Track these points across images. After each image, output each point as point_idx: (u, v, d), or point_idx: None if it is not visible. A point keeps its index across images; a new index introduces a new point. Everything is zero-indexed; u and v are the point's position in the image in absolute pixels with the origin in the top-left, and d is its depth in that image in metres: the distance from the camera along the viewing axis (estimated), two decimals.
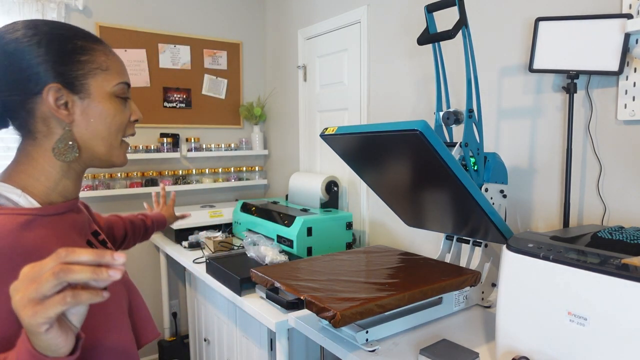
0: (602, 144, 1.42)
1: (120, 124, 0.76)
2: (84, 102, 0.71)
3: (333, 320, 1.07)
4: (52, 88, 0.68)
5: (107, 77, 0.73)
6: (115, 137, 0.76)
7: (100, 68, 0.73)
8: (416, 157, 1.24)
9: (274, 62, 3.10)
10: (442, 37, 1.39)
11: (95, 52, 0.73)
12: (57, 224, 0.71)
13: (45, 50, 0.67)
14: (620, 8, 1.33)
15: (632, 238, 1.00)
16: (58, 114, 0.69)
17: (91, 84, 0.71)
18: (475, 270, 1.40)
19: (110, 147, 0.75)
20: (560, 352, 0.92)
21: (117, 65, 0.76)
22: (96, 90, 0.72)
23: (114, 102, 0.74)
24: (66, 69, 0.69)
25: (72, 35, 0.72)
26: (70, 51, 0.70)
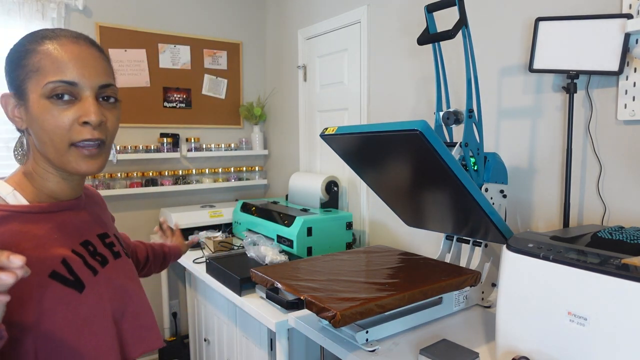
0: (602, 144, 1.42)
1: (56, 128, 0.69)
2: (26, 106, 0.71)
3: (333, 320, 1.07)
4: (3, 96, 0.71)
5: (38, 79, 0.69)
6: (58, 142, 0.70)
7: (32, 70, 0.69)
8: (416, 157, 1.24)
9: (274, 62, 3.10)
10: (442, 37, 1.39)
11: (31, 54, 0.69)
12: (38, 223, 0.71)
13: (7, 60, 0.71)
14: (620, 8, 1.33)
15: (632, 238, 1.00)
16: (13, 122, 0.73)
17: (28, 87, 0.70)
18: (475, 270, 1.40)
19: (58, 153, 0.71)
20: (560, 352, 0.92)
21: (54, 63, 0.69)
22: (31, 94, 0.70)
23: (44, 105, 0.69)
24: (14, 75, 0.70)
25: (28, 39, 0.71)
26: (18, 57, 0.70)
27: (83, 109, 0.71)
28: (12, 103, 0.71)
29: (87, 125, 0.71)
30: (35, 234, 0.69)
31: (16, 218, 0.68)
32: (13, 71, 0.70)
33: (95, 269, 0.75)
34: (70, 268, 0.71)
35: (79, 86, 0.71)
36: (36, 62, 0.69)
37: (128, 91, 2.67)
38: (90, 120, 0.70)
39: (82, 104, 0.71)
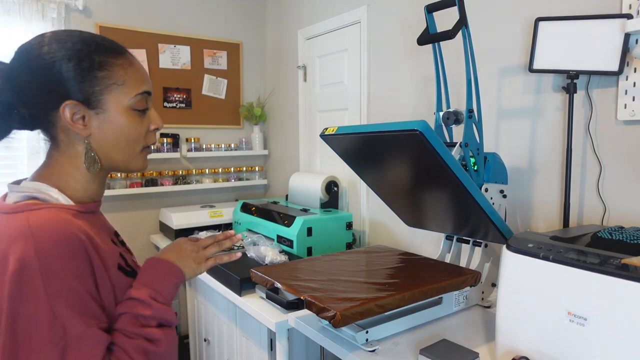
0: (602, 144, 1.42)
1: (137, 135, 0.78)
2: (100, 116, 0.74)
3: (333, 320, 1.07)
4: (67, 105, 0.71)
5: (124, 91, 0.75)
6: (133, 147, 0.78)
7: (117, 83, 0.74)
8: (416, 157, 1.24)
9: (274, 62, 3.10)
10: (442, 37, 1.39)
11: (113, 67, 0.74)
12: (91, 221, 0.76)
13: (65, 68, 0.70)
14: (620, 8, 1.33)
15: (632, 238, 1.00)
16: (75, 128, 0.73)
17: (107, 99, 0.74)
18: (475, 270, 1.40)
19: (129, 156, 0.79)
20: (560, 352, 0.92)
21: (136, 76, 0.76)
22: (112, 105, 0.74)
23: (130, 115, 0.76)
24: (83, 85, 0.71)
25: (92, 50, 0.73)
26: (88, 68, 0.72)
27: (151, 116, 0.80)
28: (75, 111, 0.72)
29: (156, 131, 0.82)
30: (95, 231, 0.74)
31: (80, 216, 0.73)
32: (82, 82, 0.71)
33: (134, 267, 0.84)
34: (125, 260, 0.79)
35: (150, 96, 0.80)
36: (120, 77, 0.74)
37: None
38: (160, 127, 0.82)
39: (149, 113, 0.80)
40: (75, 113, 0.72)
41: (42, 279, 0.61)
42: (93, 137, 0.75)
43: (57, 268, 0.63)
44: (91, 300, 0.67)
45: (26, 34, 2.28)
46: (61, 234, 0.65)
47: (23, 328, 0.60)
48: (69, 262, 0.64)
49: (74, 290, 0.64)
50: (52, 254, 0.63)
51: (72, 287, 0.64)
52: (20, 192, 0.72)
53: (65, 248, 0.64)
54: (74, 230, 0.67)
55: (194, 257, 0.81)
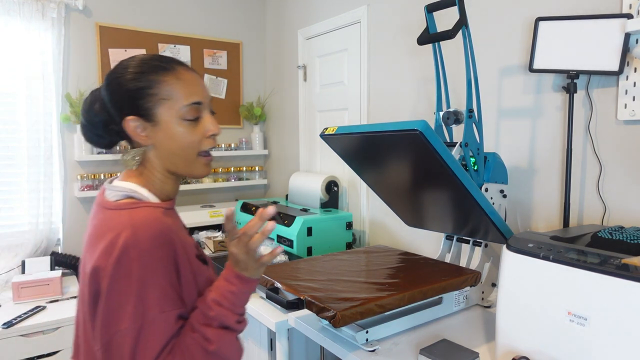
0: (602, 144, 1.42)
1: (189, 142, 0.85)
2: (156, 127, 0.84)
3: (333, 320, 1.07)
4: (129, 120, 0.83)
5: (171, 105, 0.83)
6: (187, 154, 0.86)
7: (165, 98, 0.83)
8: (416, 157, 1.24)
9: (274, 62, 3.10)
10: (442, 37, 1.39)
11: (160, 84, 0.84)
12: (173, 217, 0.89)
13: (126, 89, 0.83)
14: (620, 8, 1.33)
15: (632, 238, 1.00)
16: (138, 139, 0.85)
17: (159, 112, 0.83)
18: (475, 270, 1.40)
19: (187, 162, 0.87)
20: (560, 352, 0.92)
21: (183, 90, 0.85)
22: (164, 117, 0.84)
23: (181, 124, 0.84)
24: (140, 102, 0.83)
25: (145, 71, 0.84)
26: (143, 87, 0.83)
27: (207, 123, 0.87)
28: (137, 125, 0.84)
29: (213, 137, 0.88)
30: (178, 225, 0.87)
31: (167, 213, 0.85)
32: (138, 100, 0.83)
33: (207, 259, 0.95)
34: (200, 250, 0.91)
35: (202, 105, 0.87)
36: (166, 92, 0.83)
37: None
38: (216, 132, 0.88)
39: (204, 120, 0.87)
40: (136, 127, 0.84)
41: (137, 267, 0.74)
42: (156, 146, 0.86)
43: (149, 260, 0.75)
44: (170, 289, 0.77)
45: (26, 34, 2.28)
46: (156, 231, 0.77)
47: (115, 302, 0.73)
48: (159, 256, 0.76)
49: (158, 280, 0.76)
50: (147, 247, 0.75)
51: (157, 278, 0.75)
52: (119, 192, 0.84)
53: (157, 243, 0.76)
54: (164, 228, 0.78)
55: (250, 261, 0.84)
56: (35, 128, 2.31)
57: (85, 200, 2.58)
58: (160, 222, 0.78)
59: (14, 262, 2.30)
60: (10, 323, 1.85)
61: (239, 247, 0.83)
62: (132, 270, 0.73)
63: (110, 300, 0.74)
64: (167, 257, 0.77)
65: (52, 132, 2.39)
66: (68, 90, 2.48)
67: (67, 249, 2.53)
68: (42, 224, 2.36)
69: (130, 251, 0.74)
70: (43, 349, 1.92)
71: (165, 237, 0.77)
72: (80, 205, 2.57)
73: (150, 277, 0.75)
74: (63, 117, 2.43)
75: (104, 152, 2.56)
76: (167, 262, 0.77)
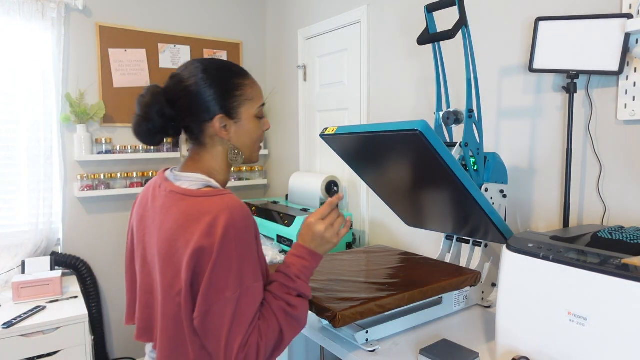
0: (602, 144, 1.42)
1: (258, 136, 1.05)
2: (237, 124, 1.00)
3: (333, 321, 1.07)
4: (219, 118, 0.96)
5: (252, 104, 1.01)
6: (255, 145, 1.05)
7: (247, 99, 1.00)
8: (416, 157, 1.24)
9: (274, 62, 3.10)
10: (442, 37, 1.39)
11: (245, 87, 1.00)
12: None
13: (214, 91, 0.96)
14: (620, 8, 1.33)
15: (632, 238, 1.00)
16: (221, 135, 0.98)
17: (242, 111, 0.99)
18: (475, 270, 1.40)
19: (252, 152, 1.05)
20: (560, 352, 0.92)
21: (258, 93, 1.03)
22: (244, 115, 1.00)
23: (255, 121, 1.02)
24: (227, 102, 0.97)
25: (231, 75, 0.99)
26: (230, 89, 0.98)
27: (265, 121, 1.06)
28: (223, 123, 0.98)
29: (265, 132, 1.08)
30: None
31: None
32: (226, 99, 0.97)
33: None
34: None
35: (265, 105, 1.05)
36: (249, 94, 1.00)
37: (128, 91, 2.67)
38: (269, 128, 1.09)
39: (264, 119, 1.06)
40: (222, 124, 0.97)
41: (235, 244, 0.86)
42: (231, 140, 1.00)
43: (244, 237, 0.87)
44: (258, 262, 0.91)
45: (26, 34, 2.28)
46: (245, 213, 0.89)
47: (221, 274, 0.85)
48: (250, 233, 0.89)
49: (251, 254, 0.88)
50: (241, 226, 0.87)
51: (251, 252, 0.88)
52: (196, 182, 0.96)
53: (248, 223, 0.89)
54: (249, 211, 0.91)
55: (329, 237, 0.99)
56: (35, 128, 2.31)
57: (85, 200, 2.58)
58: (244, 206, 0.91)
59: (14, 262, 2.31)
60: (10, 323, 1.85)
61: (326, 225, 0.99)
62: (233, 247, 0.85)
63: (216, 273, 0.84)
64: (254, 235, 0.91)
65: (52, 132, 2.39)
66: (68, 90, 2.48)
67: (67, 249, 2.53)
68: (42, 224, 2.36)
69: (230, 231, 0.85)
70: (43, 349, 1.92)
71: (251, 218, 0.91)
72: (80, 205, 2.57)
73: (246, 252, 0.87)
74: (63, 117, 2.43)
75: (104, 153, 2.56)
76: (254, 240, 0.90)
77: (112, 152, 2.61)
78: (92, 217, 2.61)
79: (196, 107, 0.96)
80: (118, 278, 2.72)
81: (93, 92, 2.57)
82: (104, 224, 2.66)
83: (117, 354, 2.75)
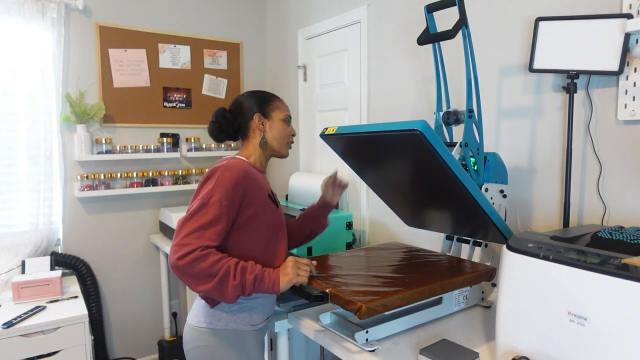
0: (602, 144, 1.42)
1: (285, 134, 1.41)
2: (270, 122, 1.39)
3: (358, 312, 1.09)
4: (257, 115, 1.38)
5: (280, 111, 1.40)
6: (283, 140, 1.41)
7: (277, 107, 1.41)
8: (416, 157, 1.24)
9: (274, 62, 3.11)
10: (442, 37, 1.39)
11: (274, 100, 1.42)
12: (257, 175, 1.31)
13: (254, 100, 1.40)
14: (620, 8, 1.33)
15: (632, 238, 1.00)
16: (259, 128, 1.38)
17: (273, 115, 1.39)
18: (489, 265, 1.41)
19: (281, 145, 1.41)
20: (560, 352, 0.92)
21: (284, 106, 1.43)
22: (275, 117, 1.39)
23: (282, 123, 1.40)
24: (262, 107, 1.39)
25: (264, 92, 1.43)
26: (265, 100, 1.40)
27: (292, 128, 1.44)
28: (259, 119, 1.38)
29: (293, 135, 1.45)
30: (258, 180, 1.31)
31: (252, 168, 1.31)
32: (262, 105, 1.39)
33: (278, 203, 1.38)
34: (273, 195, 1.35)
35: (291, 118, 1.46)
36: (278, 104, 1.41)
37: (128, 91, 2.67)
38: (295, 134, 1.45)
39: (290, 125, 1.43)
40: (260, 120, 1.37)
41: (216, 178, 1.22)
42: (266, 133, 1.38)
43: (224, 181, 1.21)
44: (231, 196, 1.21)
45: (26, 34, 2.28)
46: (240, 165, 1.25)
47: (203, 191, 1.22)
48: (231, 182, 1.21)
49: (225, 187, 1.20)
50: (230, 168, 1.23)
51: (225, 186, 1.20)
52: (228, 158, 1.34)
53: (237, 170, 1.23)
54: (243, 167, 1.25)
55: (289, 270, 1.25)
56: (35, 128, 2.31)
57: (85, 200, 2.58)
58: (240, 164, 1.26)
59: (14, 262, 2.31)
60: (10, 323, 1.85)
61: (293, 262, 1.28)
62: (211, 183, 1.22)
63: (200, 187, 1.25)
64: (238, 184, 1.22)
65: (52, 132, 2.39)
66: (68, 90, 2.48)
67: (67, 249, 2.53)
68: (42, 224, 2.36)
69: (215, 174, 1.23)
70: (43, 349, 1.92)
71: (243, 171, 1.24)
72: (80, 205, 2.57)
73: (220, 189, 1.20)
74: (63, 117, 2.43)
75: (104, 153, 2.56)
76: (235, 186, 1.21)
77: (112, 152, 2.62)
78: (92, 217, 2.61)
79: (243, 110, 1.39)
80: (118, 278, 2.72)
81: (93, 92, 2.57)
82: (104, 224, 2.66)
83: (117, 354, 2.75)
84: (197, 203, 1.19)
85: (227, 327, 1.25)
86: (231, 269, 1.15)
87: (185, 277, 1.15)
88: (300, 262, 1.27)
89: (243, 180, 1.23)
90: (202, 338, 1.25)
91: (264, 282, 1.19)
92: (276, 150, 1.40)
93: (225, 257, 1.17)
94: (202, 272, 1.13)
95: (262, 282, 1.18)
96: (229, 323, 1.25)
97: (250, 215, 1.25)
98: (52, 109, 2.40)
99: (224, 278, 1.14)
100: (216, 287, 1.14)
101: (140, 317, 2.82)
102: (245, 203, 1.24)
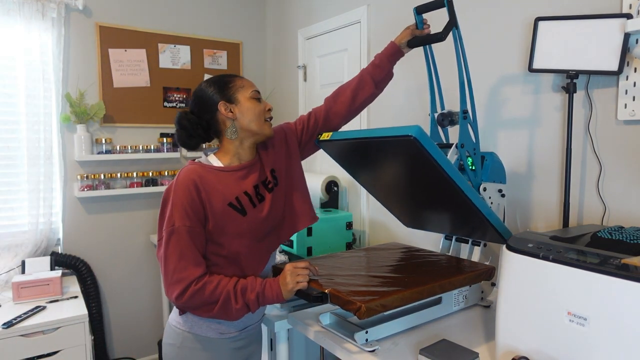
0: (602, 144, 1.42)
1: (260, 112, 1.27)
2: (237, 106, 1.26)
3: (358, 312, 1.09)
4: (222, 104, 1.25)
5: (245, 90, 1.27)
6: (260, 118, 1.27)
7: (239, 87, 1.27)
8: (412, 162, 1.24)
9: (274, 62, 3.10)
10: (432, 39, 1.39)
11: (234, 80, 1.28)
12: (214, 183, 1.22)
13: (213, 89, 1.26)
14: (620, 8, 1.33)
15: (632, 238, 1.00)
16: (228, 116, 1.25)
17: (239, 96, 1.26)
18: (488, 264, 1.41)
19: (259, 125, 1.27)
20: (560, 352, 0.92)
21: (247, 82, 1.29)
22: (242, 99, 1.26)
23: (252, 102, 1.27)
24: (225, 93, 1.26)
25: (222, 76, 1.29)
26: (224, 85, 1.27)
27: (264, 102, 1.30)
28: (225, 107, 1.24)
29: (269, 110, 1.31)
30: (221, 180, 1.23)
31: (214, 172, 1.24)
32: (224, 90, 1.25)
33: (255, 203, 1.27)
34: (239, 202, 1.24)
35: (260, 94, 1.31)
36: (239, 84, 1.27)
37: (128, 91, 2.67)
38: (271, 107, 1.32)
39: (263, 101, 1.30)
40: (226, 107, 1.24)
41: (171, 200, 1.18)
42: (237, 120, 1.25)
43: (178, 201, 1.17)
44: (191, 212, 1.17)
45: (26, 34, 2.28)
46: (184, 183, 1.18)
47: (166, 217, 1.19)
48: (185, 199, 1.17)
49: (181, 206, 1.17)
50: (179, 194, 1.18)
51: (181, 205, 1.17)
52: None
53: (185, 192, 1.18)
54: (192, 179, 1.19)
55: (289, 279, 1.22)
56: (35, 128, 2.32)
57: (85, 200, 2.58)
58: (193, 176, 1.20)
59: (14, 262, 2.31)
60: (10, 323, 1.85)
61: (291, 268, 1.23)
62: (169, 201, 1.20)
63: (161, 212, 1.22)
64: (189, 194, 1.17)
65: (52, 132, 2.39)
66: (68, 90, 2.48)
67: (67, 249, 2.53)
68: (42, 224, 2.36)
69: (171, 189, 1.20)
70: (43, 349, 1.92)
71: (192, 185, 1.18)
72: (80, 205, 2.57)
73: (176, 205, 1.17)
74: (63, 117, 2.43)
75: (104, 153, 2.56)
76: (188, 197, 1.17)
77: (112, 152, 2.62)
78: (92, 217, 2.61)
79: (204, 103, 1.26)
80: (118, 278, 2.72)
81: (93, 92, 2.57)
82: (104, 224, 2.66)
83: (117, 354, 2.75)
84: (166, 233, 1.17)
85: (192, 331, 1.25)
86: (231, 293, 1.16)
87: (189, 310, 1.19)
88: (297, 267, 1.24)
89: (195, 195, 1.17)
90: (173, 336, 1.27)
91: (267, 296, 1.20)
92: (257, 132, 1.27)
93: (223, 281, 1.18)
94: (203, 303, 1.16)
95: (264, 297, 1.19)
96: (194, 327, 1.25)
97: (210, 230, 1.20)
98: (52, 109, 2.40)
99: (225, 303, 1.16)
100: (220, 312, 1.17)
101: (140, 317, 2.82)
102: (206, 214, 1.20)
